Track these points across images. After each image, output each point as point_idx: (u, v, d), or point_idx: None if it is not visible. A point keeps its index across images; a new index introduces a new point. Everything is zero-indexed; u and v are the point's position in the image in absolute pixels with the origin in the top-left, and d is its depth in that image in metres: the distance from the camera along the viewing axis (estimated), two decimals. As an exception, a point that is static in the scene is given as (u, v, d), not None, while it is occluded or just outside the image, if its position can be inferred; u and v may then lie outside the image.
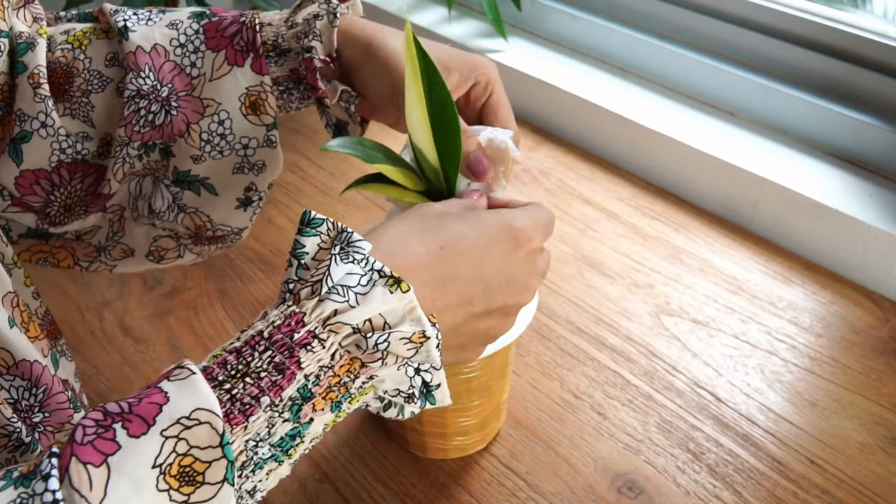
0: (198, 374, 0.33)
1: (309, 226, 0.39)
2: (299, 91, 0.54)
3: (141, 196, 0.54)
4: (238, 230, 0.56)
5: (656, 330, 0.71)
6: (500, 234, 0.42)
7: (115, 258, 0.56)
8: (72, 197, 0.52)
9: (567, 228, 0.83)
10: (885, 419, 0.63)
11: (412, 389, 0.39)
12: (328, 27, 0.51)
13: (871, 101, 0.82)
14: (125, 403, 0.32)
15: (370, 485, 0.59)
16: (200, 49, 0.51)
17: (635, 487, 0.58)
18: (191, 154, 0.52)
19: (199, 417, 0.32)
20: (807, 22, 0.85)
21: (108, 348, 0.71)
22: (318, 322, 0.36)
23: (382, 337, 0.37)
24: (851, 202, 0.77)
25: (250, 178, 0.54)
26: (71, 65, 0.51)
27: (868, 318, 0.72)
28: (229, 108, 0.52)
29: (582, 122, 0.96)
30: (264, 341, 0.35)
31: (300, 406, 0.36)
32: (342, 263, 0.37)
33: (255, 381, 0.34)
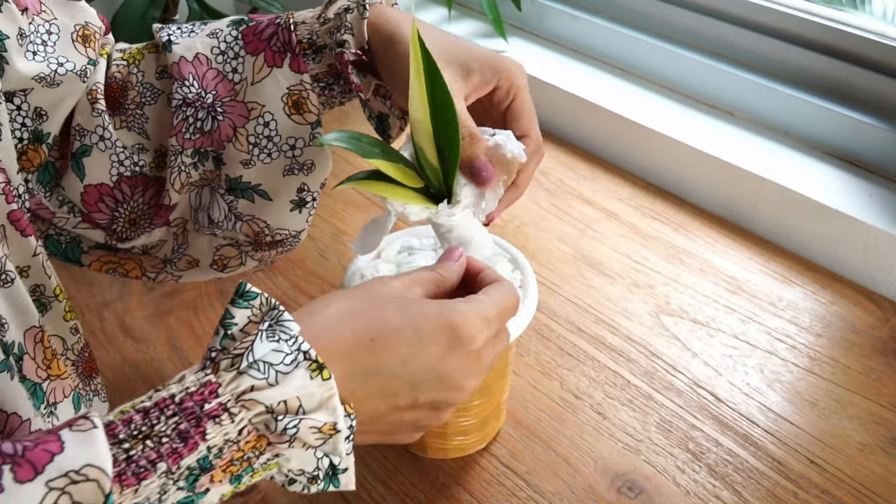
0: (99, 429, 0.32)
1: (242, 297, 0.38)
2: (340, 86, 0.54)
3: (200, 207, 0.55)
4: (296, 232, 0.57)
5: (656, 330, 0.71)
6: (437, 334, 0.40)
7: (180, 269, 0.58)
8: (135, 211, 0.53)
9: (567, 228, 0.83)
10: (885, 419, 0.63)
11: (317, 472, 0.38)
12: (359, 20, 0.51)
13: (871, 101, 0.82)
14: (20, 446, 0.31)
15: (370, 485, 0.59)
16: (240, 55, 0.52)
17: (635, 487, 0.58)
18: (240, 159, 0.53)
19: (88, 474, 0.31)
20: (807, 22, 0.85)
21: (109, 348, 0.71)
22: (231, 395, 0.35)
23: (293, 422, 0.36)
24: (851, 202, 0.77)
25: (301, 179, 0.54)
26: (126, 79, 0.53)
27: (868, 318, 0.72)
28: (273, 110, 0.52)
29: (582, 122, 0.96)
30: (174, 405, 0.34)
31: (197, 476, 0.35)
32: (267, 341, 0.36)
33: (155, 445, 0.33)
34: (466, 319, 0.41)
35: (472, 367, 0.42)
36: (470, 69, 0.51)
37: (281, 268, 0.79)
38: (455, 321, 0.40)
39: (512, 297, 0.44)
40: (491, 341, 0.43)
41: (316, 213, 0.86)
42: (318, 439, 0.37)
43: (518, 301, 0.45)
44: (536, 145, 0.54)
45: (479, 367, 0.42)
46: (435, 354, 0.40)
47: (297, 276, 0.78)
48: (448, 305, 0.41)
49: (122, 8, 0.99)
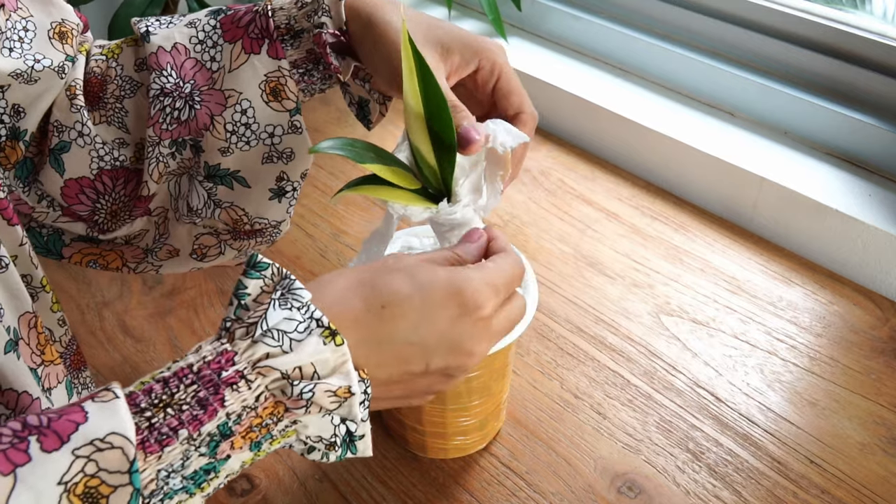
0: (121, 399, 0.34)
1: (254, 268, 0.39)
2: (319, 72, 0.54)
3: (180, 195, 0.55)
4: (276, 223, 0.56)
5: (656, 330, 0.71)
6: (446, 301, 0.41)
7: (161, 259, 0.57)
8: (117, 203, 0.53)
9: (567, 228, 0.83)
10: (885, 419, 0.63)
11: (335, 438, 0.39)
12: (336, 2, 0.51)
13: (871, 101, 0.82)
14: (45, 417, 0.32)
15: (370, 484, 0.59)
16: (218, 43, 0.52)
17: (635, 487, 0.58)
18: (218, 147, 0.53)
19: (113, 441, 0.32)
20: (807, 22, 0.85)
21: (108, 348, 0.71)
22: (247, 363, 0.36)
23: (308, 387, 0.37)
24: (851, 202, 0.77)
25: (280, 168, 0.54)
26: (105, 73, 0.53)
27: (868, 318, 0.72)
28: (250, 97, 0.52)
29: (582, 122, 0.96)
30: (192, 374, 0.36)
31: (218, 442, 0.36)
32: (280, 309, 0.37)
33: (176, 412, 0.35)
34: (474, 286, 0.41)
35: (482, 333, 0.42)
36: (449, 49, 0.51)
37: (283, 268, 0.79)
38: (463, 288, 0.41)
39: (517, 267, 0.45)
40: (502, 308, 0.44)
41: (316, 213, 0.86)
42: (333, 402, 0.38)
43: (523, 270, 0.45)
44: (532, 118, 0.54)
45: (489, 333, 0.43)
46: (445, 321, 0.41)
47: (297, 275, 0.78)
48: (456, 273, 0.42)
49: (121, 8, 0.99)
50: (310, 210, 0.87)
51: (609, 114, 0.92)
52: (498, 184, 0.51)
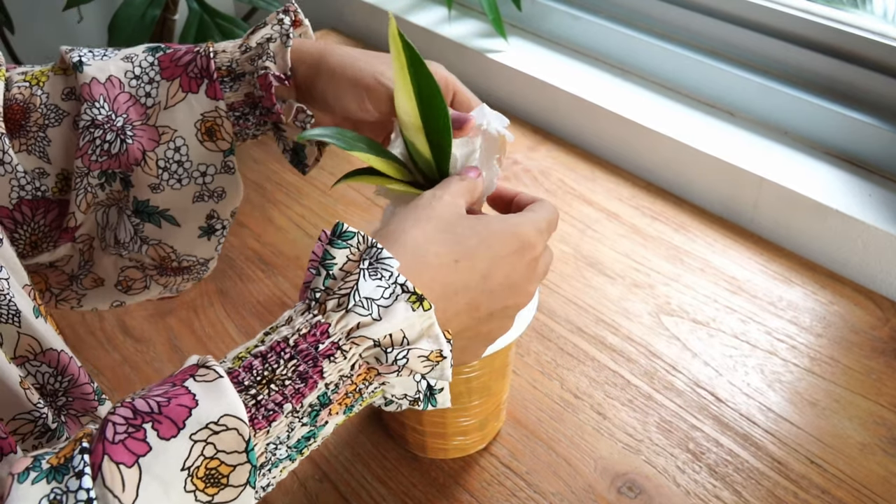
0: (225, 378, 0.34)
1: (341, 238, 0.39)
2: (255, 116, 0.54)
3: (108, 226, 0.55)
4: (204, 260, 0.57)
5: (656, 330, 0.71)
6: (507, 245, 0.44)
7: (85, 287, 0.57)
8: (36, 233, 0.52)
9: (567, 228, 0.83)
10: (885, 419, 0.63)
11: (418, 394, 0.41)
12: (281, 48, 0.53)
13: (871, 101, 0.82)
14: (154, 402, 0.33)
15: (370, 484, 0.59)
16: (155, 80, 0.52)
17: (635, 487, 0.58)
18: (149, 183, 0.52)
19: (227, 423, 0.33)
20: (807, 22, 0.85)
21: (108, 348, 0.71)
22: (342, 334, 0.37)
23: (402, 353, 0.38)
24: (851, 202, 0.77)
25: (211, 206, 0.54)
26: (28, 101, 0.51)
27: (868, 318, 0.72)
28: (185, 135, 0.52)
29: (582, 122, 0.96)
30: (290, 349, 0.36)
31: (318, 411, 0.37)
32: (370, 279, 0.38)
33: (279, 388, 0.36)
34: (527, 229, 0.45)
35: (533, 273, 0.46)
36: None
37: (281, 267, 0.79)
38: (518, 232, 0.44)
39: (555, 211, 0.48)
40: (545, 250, 0.47)
41: (316, 213, 0.86)
42: (426, 366, 0.39)
43: (557, 213, 0.48)
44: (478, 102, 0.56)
45: (536, 273, 0.46)
46: (507, 264, 0.43)
47: (297, 276, 0.78)
48: (508, 220, 0.45)
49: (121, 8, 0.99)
50: (310, 210, 0.87)
51: (609, 114, 0.92)
52: (495, 167, 0.51)
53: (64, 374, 0.43)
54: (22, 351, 0.41)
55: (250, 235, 0.83)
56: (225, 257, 0.80)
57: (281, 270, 0.79)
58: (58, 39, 1.30)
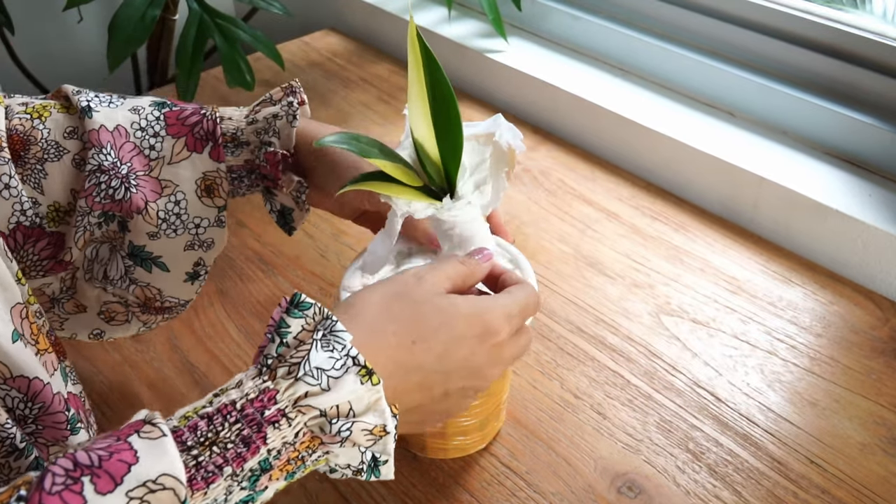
0: (168, 437, 0.35)
1: (298, 307, 0.40)
2: (250, 179, 0.58)
3: (97, 260, 0.56)
4: (185, 301, 0.59)
5: (656, 330, 0.71)
6: (469, 329, 0.44)
7: (67, 311, 0.58)
8: (25, 261, 0.53)
9: (567, 228, 0.83)
10: (885, 419, 0.63)
11: (362, 465, 0.41)
12: (287, 127, 0.56)
13: (871, 101, 0.82)
14: (95, 455, 0.33)
15: (370, 484, 0.59)
16: (160, 134, 0.55)
17: (635, 487, 0.58)
18: (147, 231, 0.54)
19: (165, 483, 0.33)
20: (807, 22, 0.85)
21: (108, 348, 0.71)
22: (289, 401, 0.38)
23: (346, 425, 0.39)
24: (851, 202, 0.77)
25: (199, 254, 0.57)
26: (29, 133, 0.53)
27: (868, 318, 0.72)
28: (186, 190, 0.55)
29: (582, 122, 0.96)
30: (236, 412, 0.37)
31: (258, 476, 0.37)
32: (322, 350, 0.39)
33: (221, 451, 0.36)
34: (493, 315, 0.45)
35: (496, 357, 0.46)
36: None
37: (281, 267, 0.79)
38: (484, 318, 0.45)
39: (533, 297, 0.48)
40: (513, 337, 0.47)
41: (316, 213, 0.86)
42: (368, 440, 0.40)
43: (538, 301, 0.49)
44: None
45: (500, 358, 0.47)
46: (467, 348, 0.44)
47: (297, 275, 0.78)
48: (477, 303, 0.45)
49: (121, 8, 0.99)
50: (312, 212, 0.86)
51: (609, 114, 0.92)
52: (502, 180, 0.51)
53: (34, 400, 0.43)
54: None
55: (250, 235, 0.83)
56: (225, 257, 0.80)
57: (281, 270, 0.79)
58: (58, 39, 1.30)
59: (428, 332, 0.43)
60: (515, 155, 0.51)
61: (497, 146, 0.50)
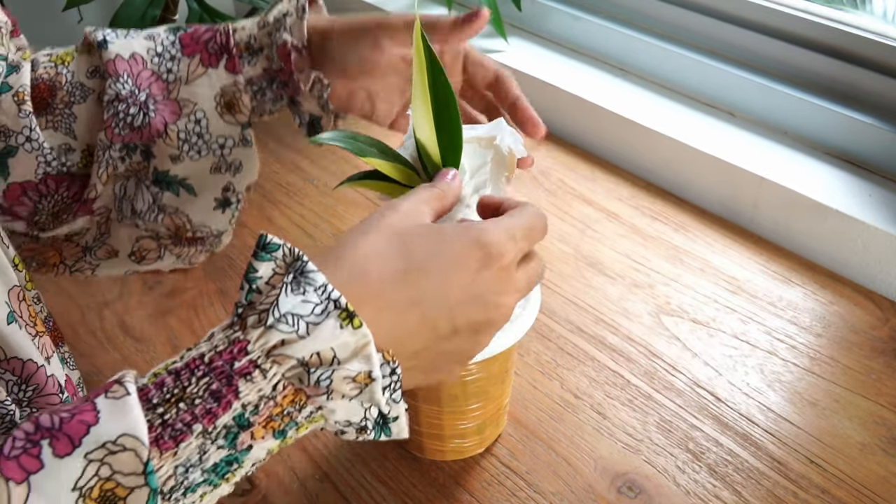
0: (132, 396, 0.33)
1: (264, 250, 0.36)
2: (272, 90, 0.56)
3: (125, 197, 0.56)
4: (218, 233, 0.58)
5: (656, 330, 0.71)
6: (467, 252, 0.40)
7: (99, 258, 0.58)
8: (59, 205, 0.53)
9: (567, 228, 0.83)
10: (885, 419, 0.63)
11: (365, 422, 0.38)
12: (298, 22, 0.54)
13: (871, 101, 0.82)
14: (57, 418, 0.32)
15: (370, 484, 0.59)
16: (176, 56, 0.54)
17: (635, 487, 0.58)
18: (169, 154, 0.54)
19: (125, 444, 0.31)
20: (807, 22, 0.85)
21: (108, 348, 0.71)
22: (261, 352, 0.34)
23: (325, 374, 0.35)
24: (851, 202, 0.77)
25: (227, 178, 0.56)
26: (54, 80, 0.53)
27: (868, 318, 0.72)
28: (205, 108, 0.54)
29: (582, 122, 0.96)
30: (204, 366, 0.34)
31: (236, 434, 0.35)
32: (292, 294, 0.35)
33: (189, 407, 0.34)
34: (492, 235, 0.40)
35: (506, 284, 0.41)
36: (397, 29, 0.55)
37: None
38: (481, 238, 0.40)
39: (538, 217, 0.43)
40: (521, 260, 0.42)
41: (316, 213, 0.86)
42: (353, 389, 0.36)
43: (545, 223, 0.43)
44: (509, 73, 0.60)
45: (512, 285, 0.41)
46: (467, 274, 0.39)
47: (297, 275, 0.78)
48: (471, 225, 0.41)
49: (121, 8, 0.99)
50: (310, 210, 0.87)
51: (609, 114, 0.92)
52: (502, 184, 0.51)
53: (28, 382, 0.42)
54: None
55: (250, 235, 0.83)
56: (225, 257, 0.80)
57: (281, 270, 0.79)
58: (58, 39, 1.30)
59: (419, 259, 0.38)
60: (516, 159, 0.50)
61: (498, 150, 0.50)
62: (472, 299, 0.40)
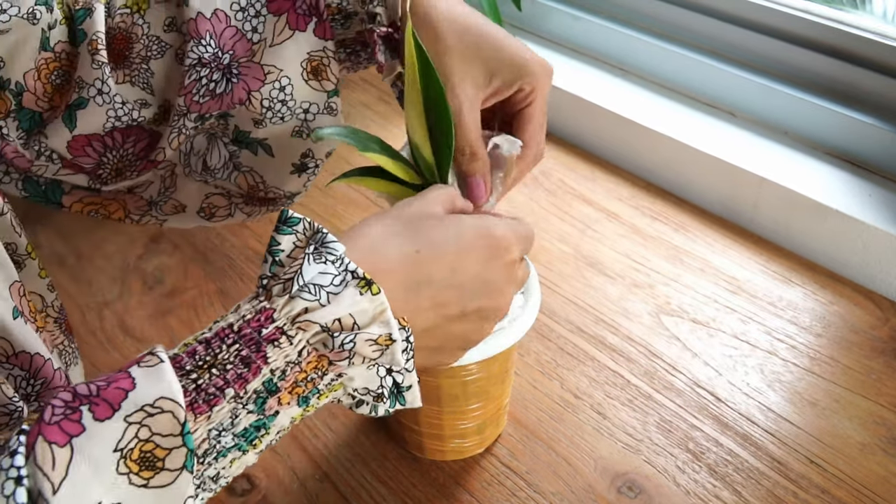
0: (166, 363, 0.34)
1: (286, 224, 0.39)
2: (367, 53, 0.54)
3: (194, 152, 0.54)
4: (291, 194, 0.56)
5: (656, 330, 0.71)
6: (479, 241, 0.42)
7: (166, 213, 0.57)
8: (123, 160, 0.52)
9: (567, 228, 0.83)
10: (885, 419, 0.63)
11: (382, 389, 0.40)
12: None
13: (871, 101, 0.82)
14: (94, 386, 0.33)
15: (370, 484, 0.59)
16: (262, 13, 0.51)
17: (635, 487, 0.58)
18: (252, 118, 0.52)
19: (163, 406, 0.32)
20: (807, 22, 0.85)
21: (108, 348, 0.71)
22: (287, 319, 0.36)
23: (349, 337, 0.37)
24: (851, 202, 0.77)
25: (308, 144, 0.54)
26: (130, 30, 0.51)
27: (868, 318, 0.72)
28: (290, 74, 0.51)
29: (582, 122, 0.96)
30: (233, 334, 0.36)
31: (265, 399, 0.36)
32: (314, 263, 0.37)
33: (221, 372, 0.35)
34: (503, 230, 0.43)
35: (510, 276, 0.44)
36: (494, 72, 0.49)
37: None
38: (493, 231, 0.42)
39: (531, 230, 0.46)
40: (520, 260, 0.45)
41: (316, 213, 0.86)
42: (375, 350, 0.38)
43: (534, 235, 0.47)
44: (538, 152, 0.52)
45: (514, 278, 0.44)
46: (478, 261, 0.42)
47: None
48: (483, 219, 0.43)
49: (122, 8, 0.99)
50: (310, 210, 0.87)
51: (609, 114, 0.92)
52: (498, 185, 0.51)
53: (36, 377, 0.43)
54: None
55: (251, 235, 0.83)
56: (225, 257, 0.80)
57: (281, 270, 0.79)
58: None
59: (433, 242, 0.41)
60: (514, 163, 0.50)
61: (498, 155, 0.50)
62: (482, 285, 0.42)
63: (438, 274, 0.41)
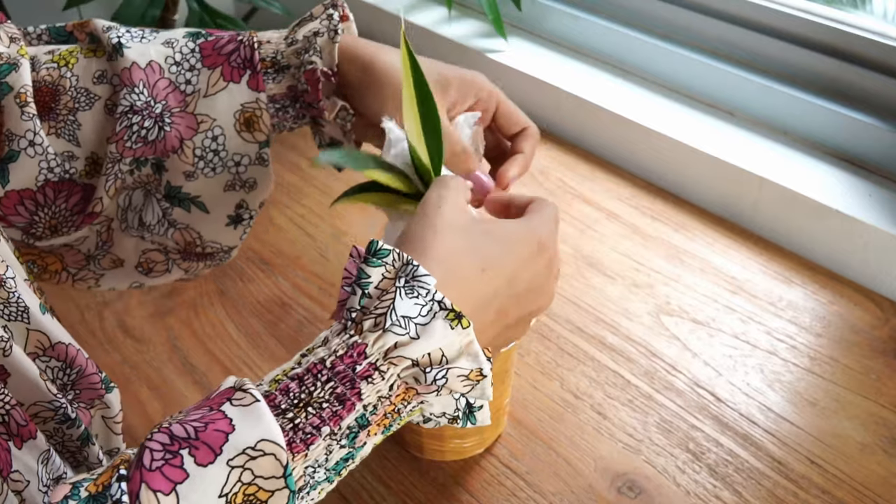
0: (261, 402, 0.34)
1: (376, 256, 0.38)
2: (295, 109, 0.54)
3: (131, 208, 0.54)
4: (228, 248, 0.56)
5: (656, 330, 0.71)
6: (528, 248, 0.44)
7: (104, 267, 0.56)
8: (56, 217, 0.51)
9: (567, 228, 0.83)
10: (885, 419, 0.63)
11: (457, 412, 0.41)
12: (329, 43, 0.52)
13: (871, 101, 0.82)
14: (191, 428, 0.33)
15: (370, 485, 0.59)
16: (196, 67, 0.52)
17: (635, 487, 0.58)
18: (183, 170, 0.52)
19: (264, 448, 0.32)
20: (807, 22, 0.85)
21: (108, 348, 0.71)
22: (379, 354, 0.36)
23: (441, 373, 0.37)
24: (851, 202, 0.77)
25: (241, 196, 0.54)
26: (57, 83, 0.51)
27: (868, 318, 0.72)
28: (223, 124, 0.52)
29: (582, 122, 0.96)
30: (327, 370, 0.36)
31: (356, 433, 0.37)
32: (407, 298, 0.37)
33: (316, 411, 0.35)
34: (543, 229, 0.45)
35: (551, 270, 0.46)
36: (447, 84, 0.53)
37: (281, 267, 0.79)
38: (536, 232, 0.44)
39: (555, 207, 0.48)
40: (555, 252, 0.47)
41: (316, 213, 0.86)
42: (466, 386, 0.39)
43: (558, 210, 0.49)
44: (534, 131, 0.57)
45: (553, 271, 0.46)
46: (530, 270, 0.43)
47: (297, 276, 0.78)
48: (522, 223, 0.45)
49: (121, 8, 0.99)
50: (310, 210, 0.87)
51: (609, 114, 0.92)
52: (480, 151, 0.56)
53: (72, 366, 0.43)
54: (32, 347, 0.41)
55: (251, 235, 0.83)
56: (225, 257, 0.80)
57: (281, 270, 0.79)
58: (58, 39, 1.30)
59: (493, 258, 0.42)
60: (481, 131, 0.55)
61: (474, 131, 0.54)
62: (533, 291, 0.44)
63: (500, 288, 0.42)
